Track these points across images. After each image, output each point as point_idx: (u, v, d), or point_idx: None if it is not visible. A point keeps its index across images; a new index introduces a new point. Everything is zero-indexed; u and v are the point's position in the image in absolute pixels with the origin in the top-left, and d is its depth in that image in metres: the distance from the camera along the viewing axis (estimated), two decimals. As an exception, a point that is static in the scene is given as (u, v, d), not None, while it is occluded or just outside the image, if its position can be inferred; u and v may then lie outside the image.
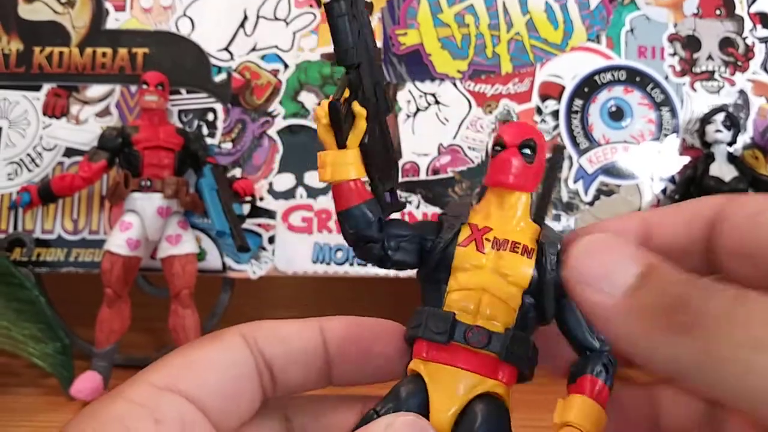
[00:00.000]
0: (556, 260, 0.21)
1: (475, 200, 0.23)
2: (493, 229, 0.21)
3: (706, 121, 0.58)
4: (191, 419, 0.21)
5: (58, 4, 0.61)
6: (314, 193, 0.58)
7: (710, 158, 0.57)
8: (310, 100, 0.59)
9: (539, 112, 0.59)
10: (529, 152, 0.22)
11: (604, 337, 0.21)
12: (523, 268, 0.21)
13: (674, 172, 0.58)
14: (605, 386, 0.21)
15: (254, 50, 0.60)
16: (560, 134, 0.59)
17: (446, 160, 0.58)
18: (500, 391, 0.20)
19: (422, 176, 0.58)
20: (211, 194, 0.54)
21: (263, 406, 0.23)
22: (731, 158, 0.57)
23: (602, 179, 0.58)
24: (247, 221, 0.57)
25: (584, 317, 0.21)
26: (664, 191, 0.58)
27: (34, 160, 0.58)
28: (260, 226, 0.57)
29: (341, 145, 0.21)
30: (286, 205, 0.57)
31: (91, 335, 0.54)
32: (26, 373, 0.56)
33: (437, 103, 0.59)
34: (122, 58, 0.60)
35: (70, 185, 0.54)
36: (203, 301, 0.55)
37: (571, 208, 0.58)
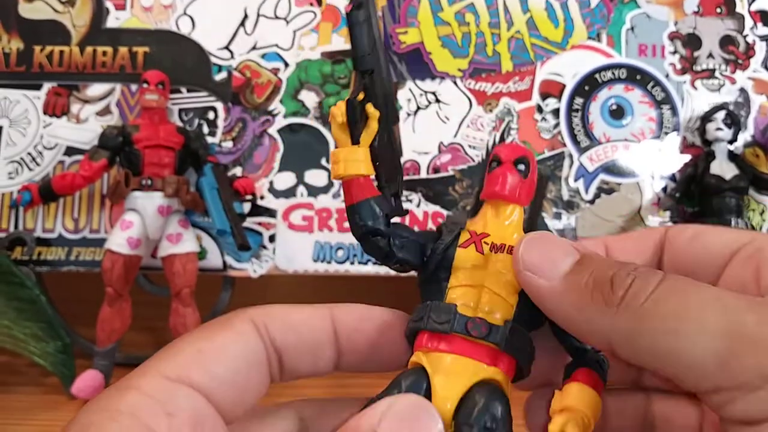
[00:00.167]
0: None
1: (469, 215, 0.25)
2: (490, 234, 0.23)
3: (706, 119, 0.58)
4: (203, 413, 0.20)
5: (58, 3, 0.61)
6: (315, 191, 0.58)
7: (711, 156, 0.57)
8: (310, 98, 0.59)
9: (540, 110, 0.59)
10: (523, 168, 0.23)
11: (550, 318, 0.22)
12: None
13: (675, 170, 0.58)
14: (600, 378, 0.22)
15: (254, 49, 0.60)
16: (561, 133, 0.59)
17: (447, 158, 0.58)
18: (500, 378, 0.21)
19: (423, 174, 0.58)
20: (211, 193, 0.54)
21: (278, 406, 0.23)
22: (732, 156, 0.57)
23: (603, 177, 0.58)
24: (247, 220, 0.57)
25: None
26: (664, 189, 0.58)
27: (34, 159, 0.58)
28: (261, 224, 0.57)
29: (355, 141, 0.22)
30: (286, 203, 0.57)
31: (92, 334, 0.54)
32: (27, 371, 0.56)
33: (438, 101, 0.59)
34: (123, 56, 0.60)
35: (70, 184, 0.54)
36: (204, 299, 0.55)
37: (571, 206, 0.58)
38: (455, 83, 0.60)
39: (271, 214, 0.57)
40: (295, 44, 0.60)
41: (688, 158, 0.58)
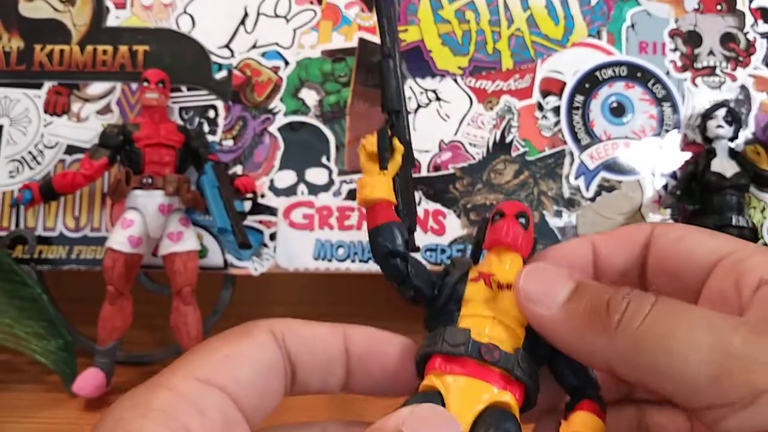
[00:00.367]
0: None
1: (471, 261, 0.26)
2: (496, 274, 0.24)
3: (707, 116, 0.58)
4: (231, 415, 0.21)
5: (58, 2, 0.61)
6: (315, 190, 0.58)
7: (711, 154, 0.57)
8: (310, 96, 0.59)
9: (540, 108, 0.59)
10: (524, 221, 0.25)
11: (553, 345, 0.23)
12: None
13: (676, 167, 0.58)
14: (601, 410, 0.23)
15: (255, 47, 0.60)
16: (561, 130, 0.59)
17: (447, 156, 0.58)
18: (512, 403, 0.22)
19: (423, 173, 0.58)
20: (212, 191, 0.54)
21: (302, 423, 0.24)
22: (733, 154, 0.57)
23: (603, 175, 0.58)
24: (248, 218, 0.57)
25: (567, 357, 0.23)
26: (665, 187, 0.58)
27: (35, 157, 0.58)
28: (261, 223, 0.57)
29: (383, 167, 0.24)
30: (287, 202, 0.58)
31: (93, 332, 0.54)
32: (28, 370, 0.56)
33: (438, 99, 0.59)
34: (123, 55, 0.60)
35: (71, 183, 0.54)
36: (205, 298, 0.55)
37: (572, 204, 0.58)
38: (455, 81, 0.59)
39: (271, 212, 0.57)
40: (295, 42, 0.60)
41: (688, 156, 0.58)
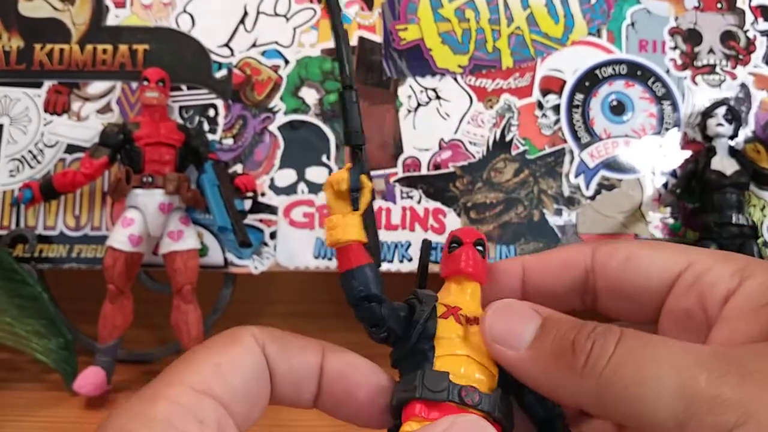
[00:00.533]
0: None
1: (417, 286, 0.26)
2: (462, 308, 0.24)
3: (707, 114, 0.58)
4: (225, 424, 0.21)
5: (58, 1, 0.61)
6: (315, 188, 0.58)
7: (711, 152, 0.57)
8: (310, 95, 0.59)
9: (540, 106, 0.59)
10: (481, 249, 0.25)
11: (523, 383, 0.23)
12: None
13: (676, 166, 0.58)
14: None
15: (254, 46, 0.60)
16: (561, 129, 0.59)
17: (447, 155, 0.58)
18: None
19: (423, 171, 0.58)
20: (212, 190, 0.54)
21: None
22: (733, 152, 0.57)
23: (603, 173, 0.58)
24: (248, 217, 0.57)
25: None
26: (665, 185, 0.58)
27: (35, 156, 0.58)
28: (262, 221, 0.57)
29: (356, 208, 0.23)
30: (287, 200, 0.58)
31: (93, 331, 0.54)
32: (29, 368, 0.56)
33: (438, 98, 0.59)
34: (123, 54, 0.60)
35: (71, 181, 0.54)
36: (205, 296, 0.55)
37: (572, 202, 0.58)
38: (455, 80, 0.60)
39: (272, 211, 0.58)
40: (295, 41, 0.60)
41: (688, 154, 0.58)
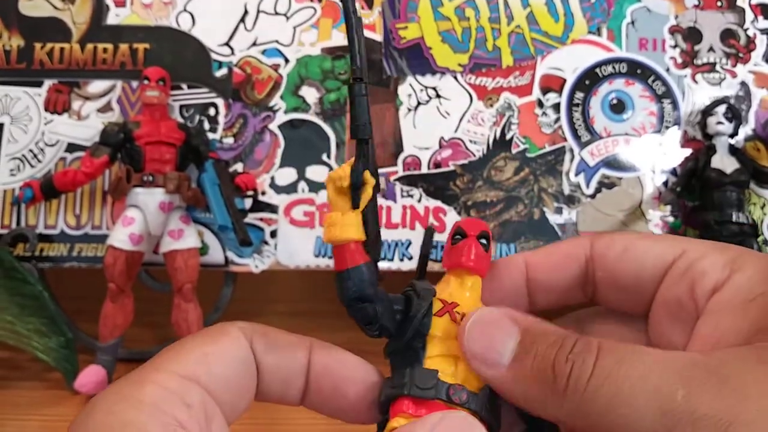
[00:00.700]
0: None
1: (417, 277, 0.26)
2: (459, 304, 0.23)
3: (707, 113, 0.58)
4: (212, 410, 0.21)
5: (58, 0, 0.61)
6: (316, 187, 0.58)
7: (712, 150, 0.57)
8: (311, 94, 0.59)
9: (540, 105, 0.59)
10: (485, 242, 0.24)
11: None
12: None
13: (676, 164, 0.58)
14: None
15: (255, 45, 0.60)
16: (561, 127, 0.59)
17: (447, 153, 0.58)
18: None
19: (423, 170, 0.58)
20: (213, 189, 0.54)
21: None
22: (733, 150, 0.57)
23: (604, 172, 0.58)
24: (249, 215, 0.57)
25: None
26: (665, 183, 0.58)
27: (36, 155, 0.58)
28: (262, 220, 0.57)
29: (356, 206, 0.23)
30: (288, 199, 0.58)
31: (94, 330, 0.54)
32: (30, 367, 0.56)
33: (438, 96, 0.59)
34: (123, 53, 0.60)
35: (72, 180, 0.54)
36: (206, 295, 0.55)
37: (572, 201, 0.58)
38: (455, 78, 0.60)
39: (272, 209, 0.58)
40: (295, 40, 0.60)
41: (688, 152, 0.58)
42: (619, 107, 0.59)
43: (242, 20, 0.60)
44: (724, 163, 0.56)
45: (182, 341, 0.23)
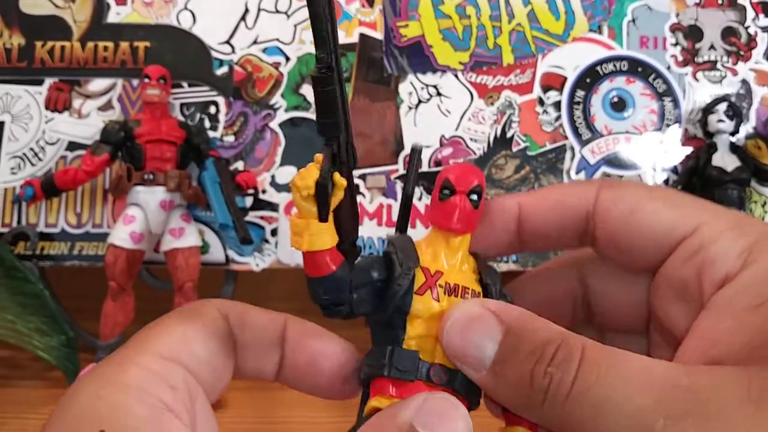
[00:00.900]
0: (498, 296, 0.23)
1: (397, 229, 0.24)
2: (443, 273, 0.22)
3: (708, 111, 0.58)
4: (194, 389, 0.22)
5: (59, -2, 0.61)
6: (316, 185, 0.58)
7: (713, 148, 0.57)
8: (311, 92, 0.59)
9: (541, 103, 0.59)
10: (476, 198, 0.23)
11: None
12: None
13: (677, 162, 0.58)
14: None
15: (255, 43, 0.60)
16: (562, 125, 0.59)
17: (448, 152, 0.58)
18: None
19: (424, 168, 0.58)
20: (213, 187, 0.54)
21: None
22: (734, 148, 0.57)
23: (604, 170, 0.58)
24: (249, 214, 0.57)
25: None
26: (666, 182, 0.58)
27: (37, 154, 0.58)
28: (263, 218, 0.57)
29: (323, 219, 0.21)
30: (288, 197, 0.58)
31: (95, 328, 0.54)
32: (31, 365, 0.56)
33: (439, 94, 0.59)
34: (124, 51, 0.60)
35: (73, 179, 0.54)
36: (206, 293, 0.55)
37: (573, 199, 0.58)
38: (456, 76, 0.59)
39: (273, 208, 0.58)
40: (296, 38, 0.60)
41: (689, 150, 0.58)
42: (619, 105, 0.59)
43: (243, 18, 0.60)
44: (725, 161, 0.56)
45: (160, 321, 0.23)
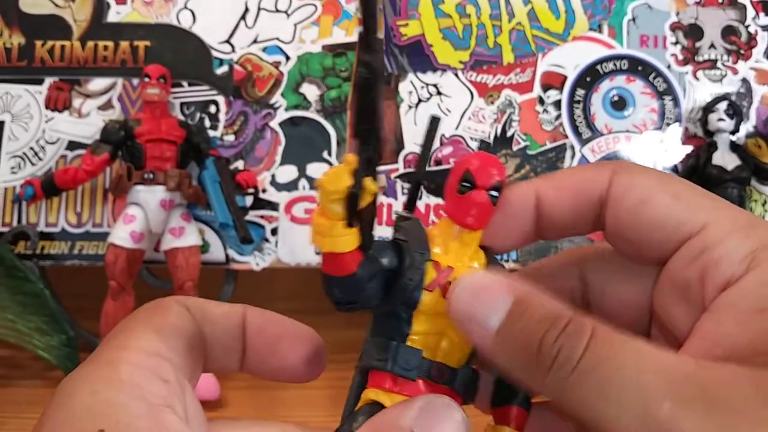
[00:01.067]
0: None
1: (406, 210, 0.24)
2: (454, 269, 0.22)
3: (708, 109, 0.58)
4: (183, 383, 0.21)
5: (59, -3, 0.61)
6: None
7: (713, 147, 0.57)
8: (311, 91, 0.59)
9: (541, 102, 0.59)
10: (496, 194, 0.22)
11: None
12: None
13: (677, 161, 0.58)
14: (527, 414, 0.23)
15: (255, 42, 0.60)
16: (562, 124, 0.59)
17: (448, 150, 0.58)
18: None
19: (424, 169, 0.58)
20: (213, 186, 0.54)
21: (266, 423, 0.24)
22: (734, 147, 0.57)
23: (605, 169, 0.58)
24: (250, 213, 0.57)
25: None
26: (666, 181, 0.58)
27: (37, 153, 0.58)
28: (263, 217, 0.57)
29: (351, 224, 0.20)
30: (288, 196, 0.58)
31: (95, 327, 0.54)
32: (32, 365, 0.56)
33: (439, 93, 0.59)
34: (124, 51, 0.60)
35: (73, 178, 0.54)
36: (207, 293, 0.55)
37: (573, 198, 0.58)
38: (456, 75, 0.59)
39: (273, 207, 0.58)
40: (296, 37, 0.60)
41: (689, 149, 0.58)
42: (620, 104, 0.59)
43: (243, 17, 0.60)
44: (725, 160, 0.56)
45: (127, 321, 0.23)
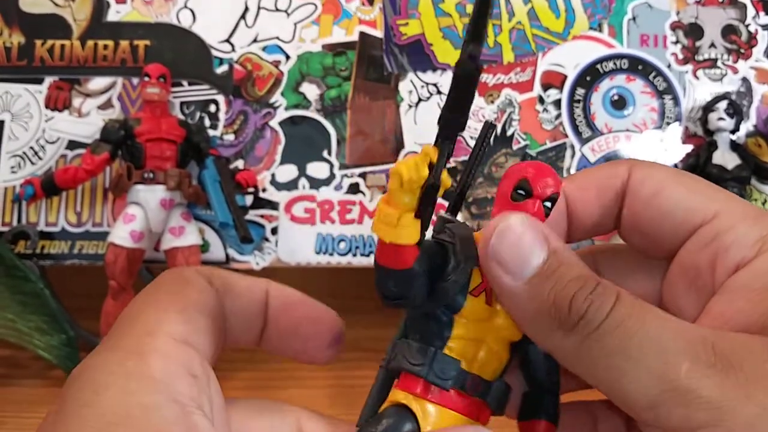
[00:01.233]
0: None
1: (448, 212, 0.23)
2: None
3: (708, 109, 0.58)
4: (208, 373, 0.21)
5: (59, -4, 0.61)
6: (317, 184, 0.58)
7: (713, 146, 0.57)
8: (311, 91, 0.59)
9: (541, 101, 0.59)
10: (550, 206, 0.22)
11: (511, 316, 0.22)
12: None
13: (677, 160, 0.58)
14: (555, 428, 0.23)
15: (255, 41, 0.60)
16: (562, 123, 0.59)
17: (448, 150, 0.58)
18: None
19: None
20: (213, 186, 0.54)
21: (280, 409, 0.23)
22: (734, 146, 0.57)
23: (605, 168, 0.58)
24: (249, 212, 0.57)
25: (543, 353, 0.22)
26: (666, 180, 0.58)
27: (36, 153, 0.58)
28: (263, 217, 0.57)
29: (420, 217, 0.20)
30: (288, 196, 0.58)
31: (96, 327, 0.54)
32: (32, 365, 0.56)
33: (439, 93, 0.59)
34: (124, 50, 0.60)
35: (73, 177, 0.54)
36: (207, 292, 0.55)
37: (573, 197, 0.58)
38: (456, 75, 0.59)
39: (273, 206, 0.58)
40: (296, 36, 0.60)
41: (690, 148, 0.58)
42: (620, 103, 0.59)
43: (243, 17, 0.60)
44: (725, 159, 0.56)
45: (147, 296, 0.22)
